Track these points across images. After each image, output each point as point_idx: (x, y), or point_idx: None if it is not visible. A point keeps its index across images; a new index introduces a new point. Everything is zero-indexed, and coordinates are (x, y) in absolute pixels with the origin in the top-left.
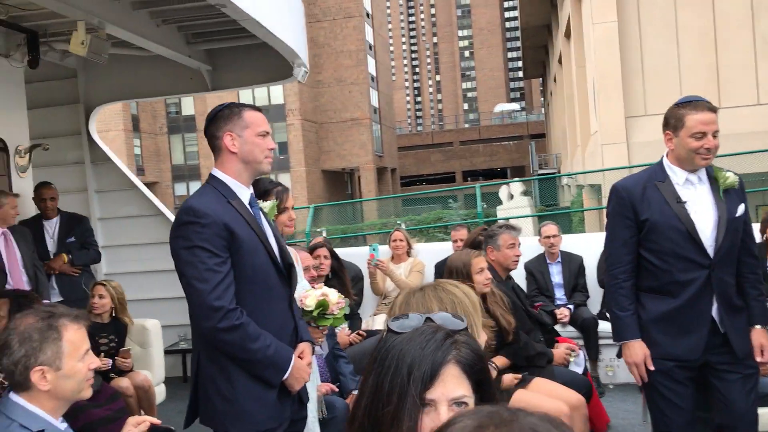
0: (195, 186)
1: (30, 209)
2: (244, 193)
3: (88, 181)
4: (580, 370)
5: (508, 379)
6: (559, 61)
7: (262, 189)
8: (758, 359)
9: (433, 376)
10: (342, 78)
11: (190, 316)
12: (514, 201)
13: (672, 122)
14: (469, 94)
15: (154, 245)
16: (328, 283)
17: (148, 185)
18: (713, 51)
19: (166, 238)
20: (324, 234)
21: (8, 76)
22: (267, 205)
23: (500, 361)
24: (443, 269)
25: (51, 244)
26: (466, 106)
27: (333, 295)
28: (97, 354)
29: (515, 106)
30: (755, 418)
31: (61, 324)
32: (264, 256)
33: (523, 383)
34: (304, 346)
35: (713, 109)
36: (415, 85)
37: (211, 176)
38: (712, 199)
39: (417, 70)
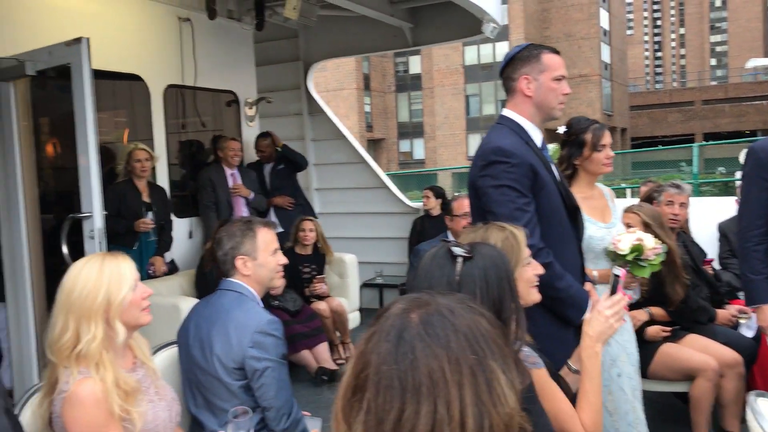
0: (418, 143)
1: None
2: (537, 136)
3: (306, 131)
4: (750, 334)
5: (653, 330)
6: None
7: (579, 127)
8: None
9: None
10: (571, 33)
11: None
12: None
13: None
14: (718, 49)
15: (357, 190)
16: None
17: (375, 141)
18: None
19: (367, 183)
20: None
21: (240, 37)
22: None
23: (657, 311)
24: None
25: (268, 183)
26: (713, 61)
27: (648, 240)
28: (300, 280)
29: None
30: None
31: (255, 226)
32: (558, 199)
33: (674, 337)
34: (589, 286)
35: None
36: (656, 39)
37: (504, 117)
38: None
39: (658, 23)
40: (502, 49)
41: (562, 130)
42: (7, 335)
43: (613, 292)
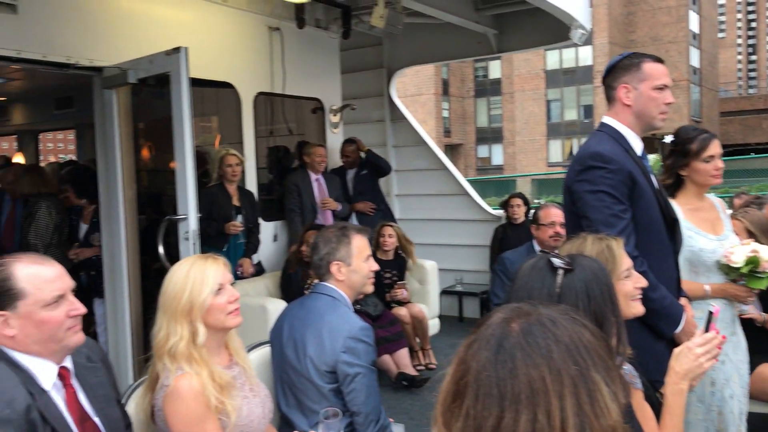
0: (497, 148)
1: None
2: (637, 144)
3: (388, 137)
4: None
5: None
6: None
7: (685, 136)
8: None
9: None
10: (658, 37)
11: None
12: None
13: None
14: None
15: (438, 196)
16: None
17: (453, 147)
18: None
19: (449, 190)
20: None
21: (326, 45)
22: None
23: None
24: None
25: (350, 189)
26: None
27: (765, 252)
28: (381, 286)
29: None
30: None
31: (350, 233)
32: (656, 209)
33: None
34: (685, 302)
35: None
36: (749, 42)
37: (604, 124)
38: None
39: (753, 25)
40: (585, 54)
41: (669, 139)
42: (105, 329)
43: (707, 329)
